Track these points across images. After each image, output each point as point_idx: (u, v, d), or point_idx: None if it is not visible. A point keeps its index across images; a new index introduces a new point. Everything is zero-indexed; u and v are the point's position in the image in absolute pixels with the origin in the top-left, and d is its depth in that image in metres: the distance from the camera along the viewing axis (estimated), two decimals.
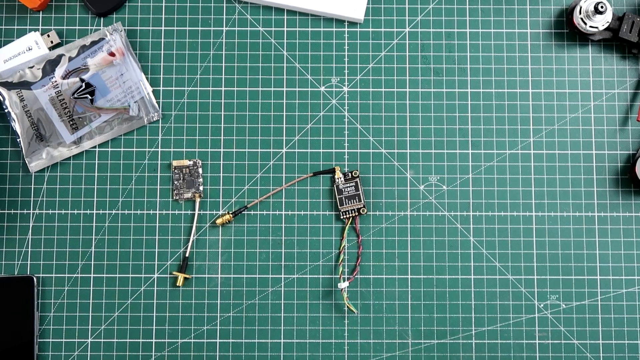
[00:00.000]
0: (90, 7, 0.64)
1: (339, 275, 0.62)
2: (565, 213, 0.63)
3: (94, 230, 0.63)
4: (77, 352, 0.62)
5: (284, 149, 0.64)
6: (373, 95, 0.64)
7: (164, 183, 0.63)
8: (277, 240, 0.63)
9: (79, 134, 0.63)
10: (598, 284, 0.62)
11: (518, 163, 0.63)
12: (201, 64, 0.64)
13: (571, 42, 0.65)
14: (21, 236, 0.63)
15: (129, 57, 0.63)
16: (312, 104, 0.64)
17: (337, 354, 0.62)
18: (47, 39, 0.63)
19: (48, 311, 0.62)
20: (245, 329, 0.62)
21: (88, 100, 0.63)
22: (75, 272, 0.62)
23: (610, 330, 0.62)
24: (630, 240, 0.63)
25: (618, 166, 0.63)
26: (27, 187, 0.63)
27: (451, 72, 0.64)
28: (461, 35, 0.65)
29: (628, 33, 0.62)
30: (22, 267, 0.62)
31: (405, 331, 0.62)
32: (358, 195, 0.63)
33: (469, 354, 0.61)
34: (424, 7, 0.65)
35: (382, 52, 0.65)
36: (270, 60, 0.64)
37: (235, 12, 0.65)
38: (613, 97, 0.64)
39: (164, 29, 0.65)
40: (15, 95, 0.62)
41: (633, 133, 0.64)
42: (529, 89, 0.64)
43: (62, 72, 0.62)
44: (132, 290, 0.62)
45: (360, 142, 0.64)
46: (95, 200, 0.63)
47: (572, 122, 0.64)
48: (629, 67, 0.64)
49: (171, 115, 0.64)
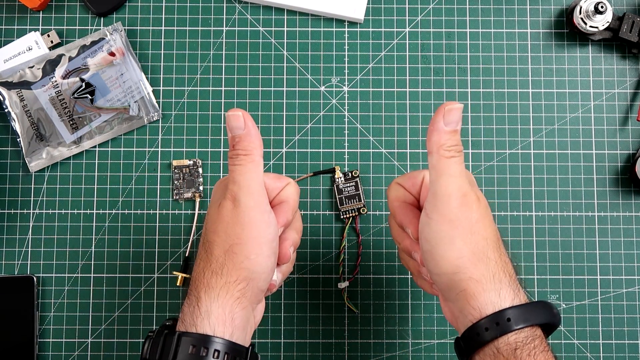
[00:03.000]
0: (90, 7, 0.64)
1: (339, 275, 0.62)
2: (565, 213, 0.63)
3: (94, 230, 0.63)
4: (77, 352, 0.62)
5: (284, 149, 0.64)
6: (373, 95, 0.64)
7: (164, 183, 0.63)
8: None
9: (79, 133, 0.63)
10: (598, 284, 0.62)
11: (518, 163, 0.63)
12: (201, 64, 0.64)
13: (571, 42, 0.65)
14: (21, 236, 0.63)
15: (129, 57, 0.63)
16: (312, 103, 0.64)
17: (337, 354, 0.62)
18: (47, 39, 0.63)
19: (48, 311, 0.62)
20: None
21: (88, 100, 0.63)
22: (75, 272, 0.62)
23: (610, 330, 0.62)
24: (630, 240, 0.63)
25: (618, 166, 0.63)
26: (27, 187, 0.63)
27: (451, 72, 0.64)
28: (461, 35, 0.65)
29: (628, 33, 0.62)
30: (22, 267, 0.62)
31: (405, 331, 0.62)
32: (358, 195, 0.63)
33: None
34: (424, 7, 0.65)
35: (382, 52, 0.65)
36: (270, 60, 0.64)
37: (235, 12, 0.65)
38: (613, 97, 0.64)
39: (164, 29, 0.65)
40: (15, 95, 0.62)
41: (633, 133, 0.64)
42: (529, 89, 0.64)
43: (62, 72, 0.62)
44: (132, 290, 0.62)
45: (360, 142, 0.64)
46: (95, 200, 0.63)
47: (572, 122, 0.64)
48: (629, 67, 0.64)
49: (171, 115, 0.64)
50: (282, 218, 0.46)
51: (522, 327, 0.40)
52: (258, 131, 0.44)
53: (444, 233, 0.42)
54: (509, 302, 0.41)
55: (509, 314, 0.40)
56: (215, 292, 0.42)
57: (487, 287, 0.42)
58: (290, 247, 0.47)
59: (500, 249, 0.44)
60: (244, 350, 0.42)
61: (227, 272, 0.42)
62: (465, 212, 0.42)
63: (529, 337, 0.41)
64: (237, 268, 0.42)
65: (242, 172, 0.43)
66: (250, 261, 0.42)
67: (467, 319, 0.42)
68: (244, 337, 0.43)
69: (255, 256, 0.42)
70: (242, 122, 0.43)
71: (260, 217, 0.43)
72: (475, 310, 0.41)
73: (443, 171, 0.42)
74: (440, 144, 0.42)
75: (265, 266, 0.43)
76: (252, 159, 0.43)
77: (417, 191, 0.48)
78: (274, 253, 0.44)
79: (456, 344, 0.44)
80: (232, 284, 0.42)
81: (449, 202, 0.42)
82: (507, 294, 0.42)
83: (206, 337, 0.41)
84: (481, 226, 0.43)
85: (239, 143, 0.43)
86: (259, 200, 0.43)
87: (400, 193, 0.48)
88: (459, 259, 0.42)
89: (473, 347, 0.41)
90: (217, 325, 0.41)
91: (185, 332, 0.41)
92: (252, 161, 0.43)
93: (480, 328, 0.41)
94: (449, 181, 0.42)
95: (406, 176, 0.49)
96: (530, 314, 0.41)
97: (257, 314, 0.46)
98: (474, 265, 0.42)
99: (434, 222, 0.42)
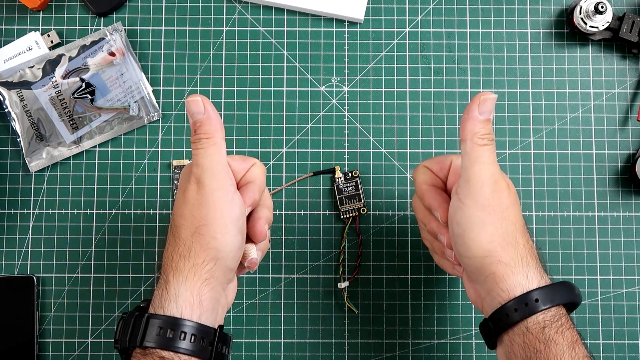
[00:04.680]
0: (90, 7, 0.64)
1: (339, 275, 0.62)
2: (565, 213, 0.63)
3: (94, 230, 0.63)
4: (77, 352, 0.62)
5: (284, 149, 0.64)
6: (373, 95, 0.64)
7: (164, 183, 0.63)
8: (278, 240, 0.63)
9: (79, 133, 0.63)
10: (598, 284, 0.62)
11: (518, 163, 0.63)
12: (201, 64, 0.64)
13: (571, 42, 0.65)
14: (21, 236, 0.63)
15: (129, 57, 0.63)
16: (312, 103, 0.64)
17: (337, 354, 0.62)
18: (47, 38, 0.63)
19: (48, 311, 0.62)
20: (245, 329, 0.62)
21: (88, 100, 0.63)
22: (75, 272, 0.62)
23: (610, 330, 0.62)
24: (630, 240, 0.63)
25: (618, 166, 0.63)
26: (27, 187, 0.63)
27: (451, 72, 0.64)
28: (461, 35, 0.65)
29: (628, 33, 0.62)
30: (22, 267, 0.62)
31: (405, 331, 0.62)
32: (358, 195, 0.63)
33: (469, 354, 0.61)
34: (424, 7, 0.65)
35: (382, 52, 0.65)
36: (270, 60, 0.64)
37: (235, 12, 0.65)
38: (613, 97, 0.64)
39: (164, 29, 0.65)
40: (15, 95, 0.62)
41: (633, 133, 0.64)
42: (529, 89, 0.64)
43: (62, 72, 0.62)
44: (132, 290, 0.62)
45: (360, 142, 0.64)
46: (95, 200, 0.63)
47: (572, 122, 0.64)
48: (629, 67, 0.64)
49: (171, 115, 0.64)
50: (249, 198, 0.47)
51: (549, 307, 0.43)
52: (218, 115, 0.45)
53: (476, 218, 0.44)
54: (535, 283, 0.44)
55: (537, 295, 0.43)
56: (183, 275, 0.43)
57: (516, 269, 0.44)
58: (265, 225, 0.49)
59: (527, 234, 0.46)
60: (212, 332, 0.43)
61: (195, 254, 0.43)
62: (497, 198, 0.44)
63: (555, 316, 0.43)
64: (205, 249, 0.43)
65: (204, 155, 0.44)
66: (217, 240, 0.43)
67: (495, 300, 0.44)
68: (213, 318, 0.44)
69: (221, 236, 0.43)
70: (202, 107, 0.45)
71: (224, 197, 0.44)
72: (504, 292, 0.43)
73: (476, 158, 0.44)
74: (474, 132, 0.44)
75: (233, 245, 0.44)
76: (214, 141, 0.44)
77: (444, 175, 0.50)
78: (240, 232, 0.45)
79: (483, 325, 0.46)
80: (199, 266, 0.43)
81: (482, 188, 0.44)
82: (534, 276, 0.44)
83: (173, 320, 0.42)
84: (511, 212, 0.45)
85: (200, 127, 0.44)
86: (222, 181, 0.44)
87: (428, 176, 0.50)
88: (490, 243, 0.44)
89: (502, 327, 0.43)
90: (185, 307, 0.42)
91: (153, 314, 0.42)
92: (214, 144, 0.44)
93: (510, 309, 0.43)
94: (482, 168, 0.44)
95: (434, 160, 0.51)
96: (555, 294, 0.43)
97: (229, 294, 0.47)
98: (503, 249, 0.44)
99: (467, 207, 0.44)
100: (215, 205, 0.43)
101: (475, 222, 0.44)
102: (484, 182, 0.44)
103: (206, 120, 0.45)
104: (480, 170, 0.44)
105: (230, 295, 0.47)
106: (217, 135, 0.44)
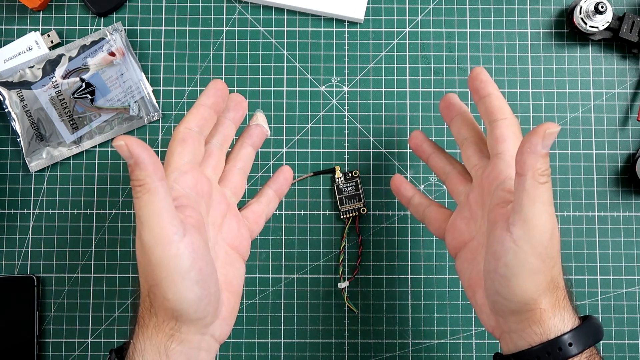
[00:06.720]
0: (90, 7, 0.64)
1: (339, 275, 0.62)
2: (565, 213, 0.63)
3: (94, 230, 0.63)
4: (77, 352, 0.62)
5: (284, 149, 0.64)
6: (373, 95, 0.64)
7: None
8: (278, 240, 0.63)
9: (79, 133, 0.63)
10: (598, 284, 0.62)
11: None
12: (201, 64, 0.64)
13: (571, 42, 0.65)
14: (21, 236, 0.63)
15: (129, 57, 0.63)
16: (312, 103, 0.64)
17: (337, 354, 0.62)
18: (47, 38, 0.63)
19: (48, 311, 0.62)
20: (245, 329, 0.62)
21: (88, 100, 0.63)
22: (75, 272, 0.62)
23: (610, 330, 0.62)
24: (630, 240, 0.63)
25: (618, 166, 0.63)
26: (27, 187, 0.63)
27: (451, 72, 0.64)
28: (461, 35, 0.65)
29: (628, 33, 0.62)
30: (22, 267, 0.62)
31: (405, 331, 0.62)
32: (358, 195, 0.63)
33: (469, 354, 0.61)
34: (424, 7, 0.65)
35: (382, 52, 0.65)
36: (270, 60, 0.64)
37: (235, 12, 0.65)
38: (613, 97, 0.64)
39: (164, 29, 0.65)
40: (15, 95, 0.62)
41: (633, 133, 0.64)
42: (529, 89, 0.64)
43: (62, 72, 0.62)
44: (132, 290, 0.62)
45: (360, 142, 0.64)
46: (95, 200, 0.63)
47: (572, 122, 0.64)
48: (629, 67, 0.64)
49: (171, 115, 0.64)
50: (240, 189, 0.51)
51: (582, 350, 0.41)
52: (151, 153, 0.39)
53: (529, 265, 0.41)
54: (570, 325, 0.42)
55: (570, 339, 0.41)
56: (148, 331, 0.41)
57: (554, 313, 0.42)
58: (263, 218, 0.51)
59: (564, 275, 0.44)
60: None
61: (155, 312, 0.41)
62: (554, 246, 0.42)
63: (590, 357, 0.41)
64: (162, 308, 0.40)
65: (139, 206, 0.40)
66: (170, 301, 0.40)
67: (524, 340, 0.42)
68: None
69: (172, 295, 0.40)
70: (127, 152, 0.38)
71: (166, 253, 0.39)
72: (538, 336, 0.41)
73: (536, 198, 0.40)
74: (535, 168, 0.40)
75: (190, 300, 0.40)
76: (147, 188, 0.39)
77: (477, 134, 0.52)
78: (198, 281, 0.40)
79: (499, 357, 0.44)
80: (161, 324, 0.41)
81: (542, 235, 0.41)
82: (569, 318, 0.42)
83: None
84: (559, 257, 0.43)
85: (132, 174, 0.39)
86: (159, 235, 0.39)
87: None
88: (536, 292, 0.41)
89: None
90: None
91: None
92: (147, 191, 0.39)
93: (542, 352, 0.41)
94: (542, 210, 0.41)
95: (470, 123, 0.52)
96: (588, 337, 0.41)
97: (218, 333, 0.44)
98: (546, 295, 0.42)
99: (522, 251, 0.41)
100: (159, 265, 0.39)
101: (527, 269, 0.41)
102: (545, 229, 0.41)
103: (134, 166, 0.39)
104: (540, 214, 0.41)
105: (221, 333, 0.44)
106: (149, 180, 0.39)
